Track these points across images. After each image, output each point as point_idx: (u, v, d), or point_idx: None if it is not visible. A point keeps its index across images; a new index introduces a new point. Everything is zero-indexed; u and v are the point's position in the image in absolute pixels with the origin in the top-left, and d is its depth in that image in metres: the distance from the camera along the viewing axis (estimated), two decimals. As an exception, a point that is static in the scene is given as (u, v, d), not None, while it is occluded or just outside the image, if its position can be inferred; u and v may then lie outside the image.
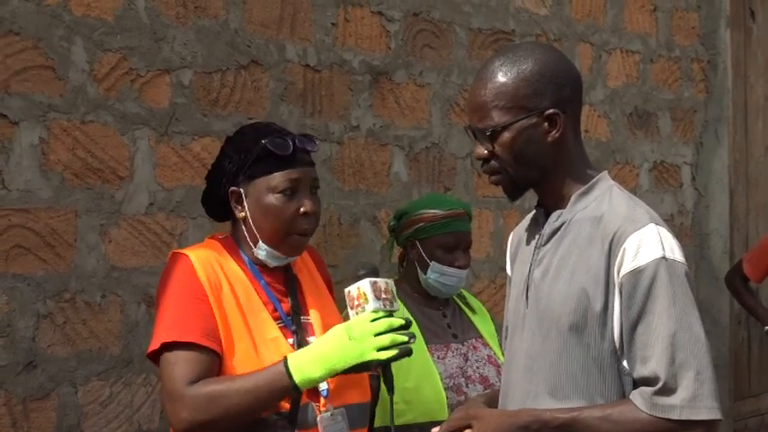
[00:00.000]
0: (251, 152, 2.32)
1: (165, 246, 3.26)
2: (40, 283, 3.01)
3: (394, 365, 3.02)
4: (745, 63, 5.73)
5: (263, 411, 2.19)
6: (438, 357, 3.02)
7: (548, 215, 2.12)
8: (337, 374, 2.19)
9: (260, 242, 2.33)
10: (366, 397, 2.40)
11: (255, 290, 2.32)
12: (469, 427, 2.04)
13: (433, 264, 3.09)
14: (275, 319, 2.29)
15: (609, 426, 1.92)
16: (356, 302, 2.19)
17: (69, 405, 3.06)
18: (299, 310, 2.36)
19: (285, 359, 2.17)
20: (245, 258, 2.36)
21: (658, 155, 5.13)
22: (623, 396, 1.97)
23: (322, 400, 2.29)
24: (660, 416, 1.90)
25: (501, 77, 2.06)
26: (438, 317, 3.13)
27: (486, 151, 2.08)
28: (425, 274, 3.10)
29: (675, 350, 1.90)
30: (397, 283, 3.21)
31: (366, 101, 3.86)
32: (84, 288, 3.10)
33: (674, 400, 1.89)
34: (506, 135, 2.05)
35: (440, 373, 2.99)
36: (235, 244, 2.38)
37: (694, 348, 1.91)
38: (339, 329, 2.19)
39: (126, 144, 3.20)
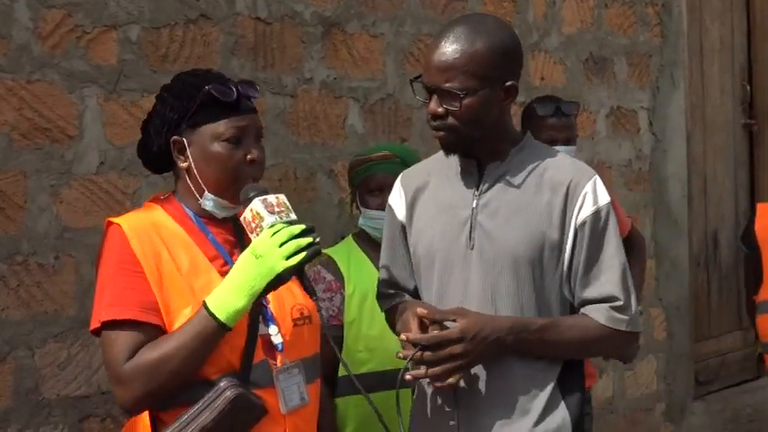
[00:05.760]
0: (194, 99, 2.24)
1: (118, 205, 3.22)
2: (-9, 246, 2.97)
3: (359, 312, 3.03)
4: (700, 6, 5.72)
5: (205, 360, 2.14)
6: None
7: (479, 166, 2.36)
8: (260, 297, 2.15)
9: (206, 192, 2.26)
10: (317, 347, 2.37)
11: (201, 247, 2.25)
12: (454, 321, 2.27)
13: (363, 209, 3.10)
14: (224, 273, 2.22)
15: (576, 332, 2.30)
16: (253, 225, 2.17)
17: (26, 368, 3.03)
18: None
19: (204, 303, 2.14)
20: (190, 213, 2.29)
21: (615, 100, 5.12)
22: None
23: (278, 356, 2.24)
24: (614, 327, 2.30)
25: (475, 44, 2.24)
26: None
27: (441, 109, 2.26)
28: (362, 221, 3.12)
29: (626, 278, 2.32)
30: (358, 235, 3.21)
31: (319, 53, 3.82)
32: (37, 250, 3.06)
33: (626, 315, 2.31)
34: (470, 99, 2.24)
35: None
36: (177, 201, 2.31)
37: (631, 278, 2.36)
38: (245, 254, 2.16)
39: (74, 102, 3.15)
